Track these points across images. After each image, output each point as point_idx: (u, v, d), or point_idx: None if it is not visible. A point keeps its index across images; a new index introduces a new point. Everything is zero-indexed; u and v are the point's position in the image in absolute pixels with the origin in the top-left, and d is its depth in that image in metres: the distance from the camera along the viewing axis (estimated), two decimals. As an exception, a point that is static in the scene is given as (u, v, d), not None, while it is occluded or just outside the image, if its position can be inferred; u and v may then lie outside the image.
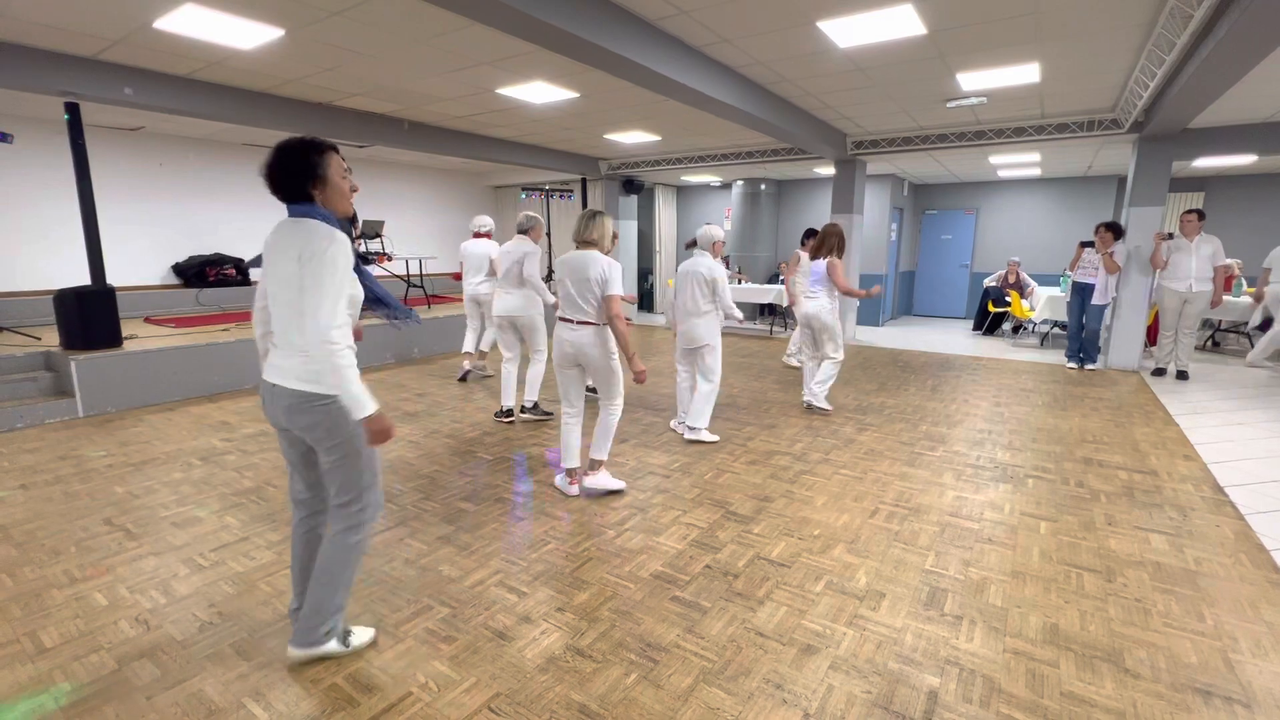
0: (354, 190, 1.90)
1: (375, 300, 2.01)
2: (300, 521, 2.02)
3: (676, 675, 1.92)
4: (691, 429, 4.18)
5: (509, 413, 4.63)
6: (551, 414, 4.67)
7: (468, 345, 5.93)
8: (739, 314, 4.30)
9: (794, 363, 6.71)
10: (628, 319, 3.97)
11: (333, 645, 1.96)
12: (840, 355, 4.85)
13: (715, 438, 4.21)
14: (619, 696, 1.82)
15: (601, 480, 3.31)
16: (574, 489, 3.31)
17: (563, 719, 1.74)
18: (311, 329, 1.65)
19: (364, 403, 1.69)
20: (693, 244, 4.39)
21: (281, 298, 1.77)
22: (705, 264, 4.17)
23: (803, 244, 6.60)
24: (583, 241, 3.15)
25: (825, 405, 4.90)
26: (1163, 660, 2.00)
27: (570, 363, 3.19)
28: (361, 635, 2.04)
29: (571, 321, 3.12)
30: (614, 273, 3.06)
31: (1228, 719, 1.75)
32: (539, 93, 5.60)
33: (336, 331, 1.66)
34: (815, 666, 1.96)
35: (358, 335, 1.95)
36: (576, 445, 3.33)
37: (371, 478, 1.90)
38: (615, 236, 3.29)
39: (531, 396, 4.63)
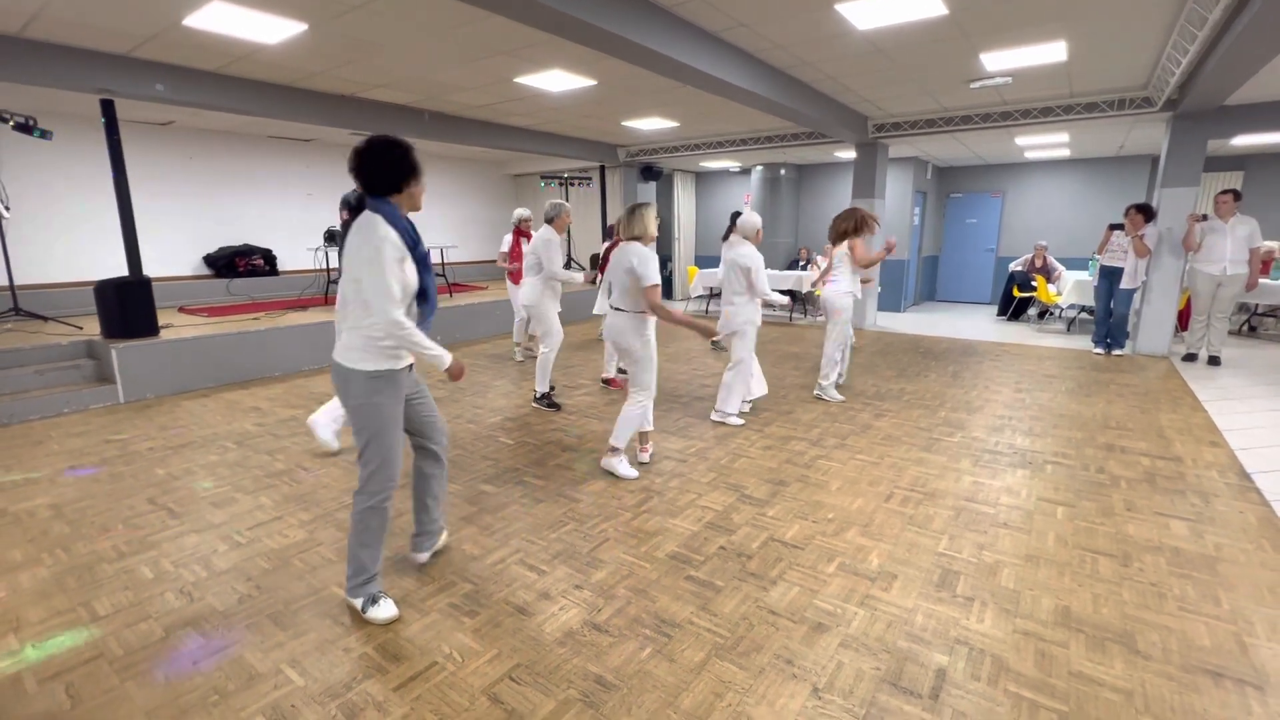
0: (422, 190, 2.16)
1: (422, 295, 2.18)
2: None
3: (690, 650, 1.98)
4: (716, 411, 4.33)
5: (543, 397, 4.73)
6: (560, 406, 4.70)
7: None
8: (778, 298, 4.31)
9: None
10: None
11: (356, 602, 2.17)
12: (828, 347, 4.77)
13: (739, 422, 4.28)
14: (634, 669, 1.90)
15: (613, 463, 3.40)
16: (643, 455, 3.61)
17: (580, 689, 1.82)
18: (378, 312, 1.96)
19: (442, 358, 2.11)
20: (730, 232, 4.38)
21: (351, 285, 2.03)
22: (743, 251, 4.13)
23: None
24: (629, 237, 3.30)
25: (832, 397, 4.85)
26: (1175, 643, 2.01)
27: (611, 344, 3.46)
28: (380, 610, 2.13)
29: (614, 308, 3.34)
30: (646, 266, 3.18)
31: (1237, 700, 1.77)
32: (557, 81, 5.63)
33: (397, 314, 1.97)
34: (825, 644, 2.01)
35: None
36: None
37: (378, 457, 2.10)
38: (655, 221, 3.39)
39: (541, 387, 4.69)
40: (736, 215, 4.36)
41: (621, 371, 5.34)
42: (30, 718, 1.73)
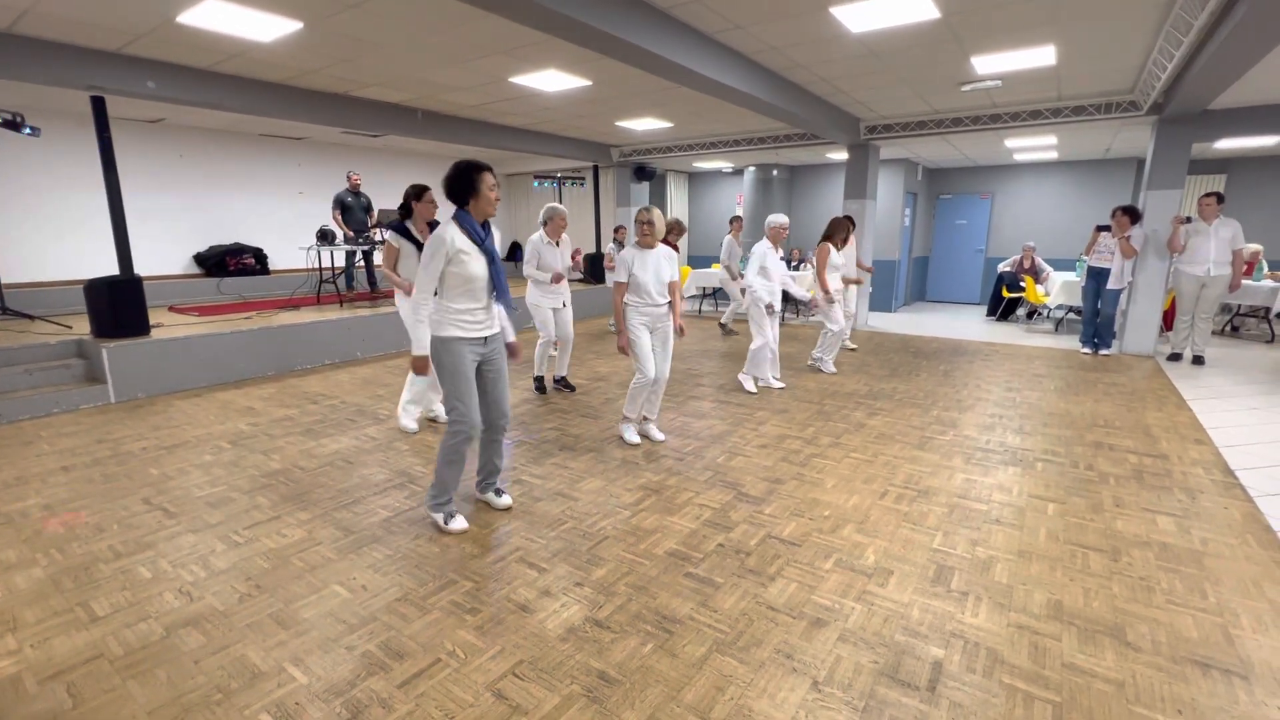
0: (498, 200, 2.64)
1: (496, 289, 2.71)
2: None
3: (691, 645, 2.01)
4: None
5: (563, 381, 5.25)
6: (546, 391, 5.17)
7: None
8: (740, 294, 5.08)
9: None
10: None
11: (437, 517, 2.79)
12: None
13: (751, 390, 5.08)
14: (636, 664, 1.92)
15: (620, 428, 4.05)
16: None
17: (583, 684, 1.83)
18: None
19: (416, 347, 2.59)
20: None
21: None
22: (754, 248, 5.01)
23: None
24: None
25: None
26: (1164, 635, 2.06)
27: None
28: (455, 524, 2.77)
29: None
30: (619, 260, 3.76)
31: (1225, 690, 1.82)
32: (552, 81, 5.64)
33: (419, 294, 2.55)
34: (824, 638, 2.04)
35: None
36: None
37: (452, 401, 2.67)
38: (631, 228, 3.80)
39: (535, 372, 5.23)
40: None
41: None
42: (31, 717, 1.72)
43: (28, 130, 4.91)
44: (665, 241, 5.92)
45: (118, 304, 5.00)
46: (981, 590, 2.31)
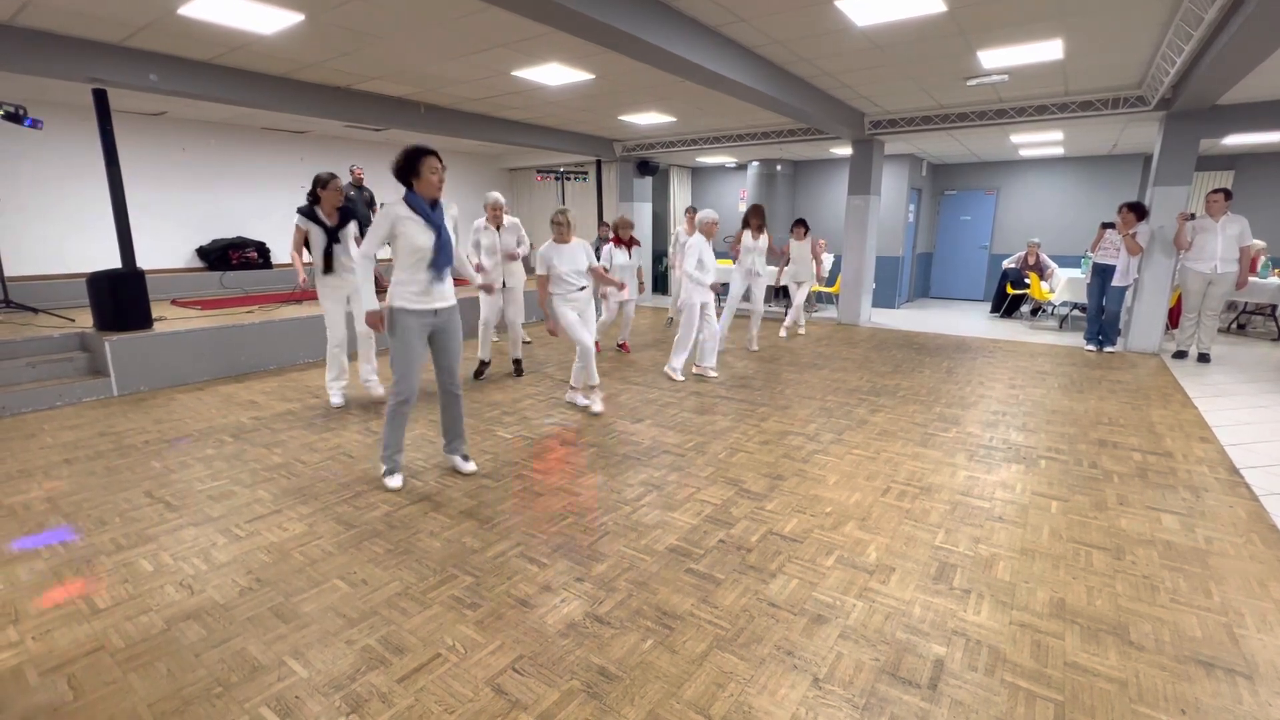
0: (440, 182, 2.91)
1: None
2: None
3: (691, 642, 2.00)
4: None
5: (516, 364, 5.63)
6: (484, 378, 5.45)
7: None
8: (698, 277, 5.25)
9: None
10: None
11: (380, 469, 3.19)
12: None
13: (680, 377, 5.33)
14: (636, 660, 1.91)
15: (572, 396, 4.58)
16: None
17: (583, 680, 1.83)
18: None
19: (367, 305, 2.92)
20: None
21: None
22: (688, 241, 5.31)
23: (791, 231, 7.60)
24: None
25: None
26: (1167, 634, 2.05)
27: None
28: (389, 481, 3.12)
29: None
30: (539, 257, 4.14)
31: (1229, 689, 1.80)
32: (554, 75, 5.60)
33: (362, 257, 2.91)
34: (825, 635, 2.03)
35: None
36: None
37: (395, 368, 2.96)
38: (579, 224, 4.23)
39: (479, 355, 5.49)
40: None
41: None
42: (33, 709, 1.72)
43: (29, 122, 4.90)
44: (620, 239, 6.32)
45: (120, 297, 5.00)
46: (984, 588, 2.30)
